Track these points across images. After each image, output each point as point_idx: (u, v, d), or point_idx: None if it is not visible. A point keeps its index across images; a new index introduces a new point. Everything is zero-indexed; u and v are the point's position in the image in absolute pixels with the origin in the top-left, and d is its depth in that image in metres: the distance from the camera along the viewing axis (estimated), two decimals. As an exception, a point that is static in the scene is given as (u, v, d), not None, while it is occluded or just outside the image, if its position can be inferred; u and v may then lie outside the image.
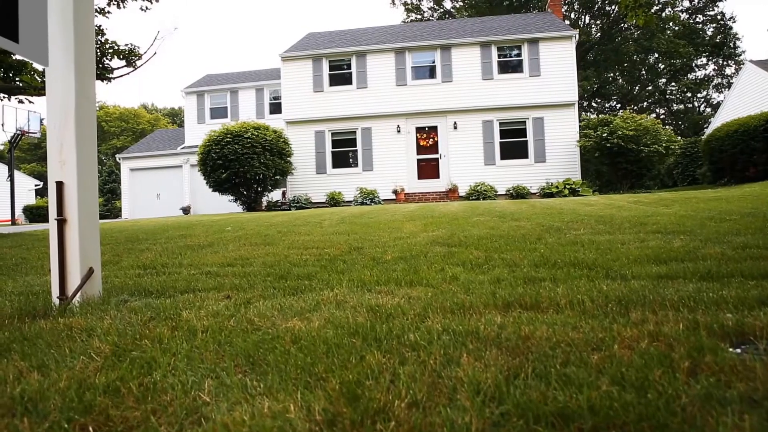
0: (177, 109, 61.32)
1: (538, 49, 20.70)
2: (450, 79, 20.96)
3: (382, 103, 21.13)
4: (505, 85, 20.78)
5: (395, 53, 21.31)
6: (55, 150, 2.70)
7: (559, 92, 20.41)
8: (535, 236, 4.88)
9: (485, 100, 20.72)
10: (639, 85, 38.94)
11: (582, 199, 13.04)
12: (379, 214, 10.05)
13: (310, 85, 21.71)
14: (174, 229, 8.32)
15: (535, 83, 20.61)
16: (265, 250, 4.84)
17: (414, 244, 4.71)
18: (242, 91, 25.76)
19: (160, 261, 4.41)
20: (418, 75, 21.44)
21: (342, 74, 21.74)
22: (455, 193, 19.92)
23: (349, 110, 21.34)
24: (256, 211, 20.71)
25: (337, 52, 21.53)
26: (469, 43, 20.98)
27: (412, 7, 39.51)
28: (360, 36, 23.52)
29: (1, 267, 4.62)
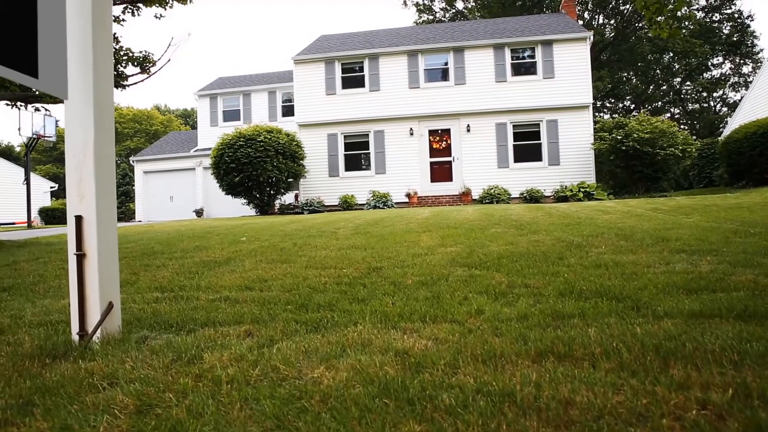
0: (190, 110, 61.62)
1: (552, 50, 20.54)
2: (463, 81, 20.85)
3: (395, 105, 21.07)
4: (518, 88, 20.63)
5: (408, 55, 21.23)
6: (74, 183, 2.67)
7: (574, 94, 20.23)
8: (555, 255, 4.79)
9: (498, 103, 20.59)
10: (653, 85, 38.55)
11: (598, 204, 12.89)
12: (394, 222, 9.99)
13: (322, 88, 21.69)
14: (189, 239, 8.30)
15: (548, 85, 20.45)
16: (282, 269, 4.79)
17: (433, 264, 4.64)
18: (255, 94, 25.80)
19: (177, 282, 4.38)
20: (430, 77, 21.35)
21: (354, 77, 21.69)
22: (468, 196, 19.82)
23: (362, 113, 21.30)
24: (269, 214, 20.74)
25: (350, 55, 21.49)
26: (482, 45, 20.86)
27: (423, 8, 39.38)
28: (372, 38, 23.47)
29: (20, 286, 4.61)
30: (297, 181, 20.90)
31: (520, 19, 24.91)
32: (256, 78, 27.43)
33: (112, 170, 2.72)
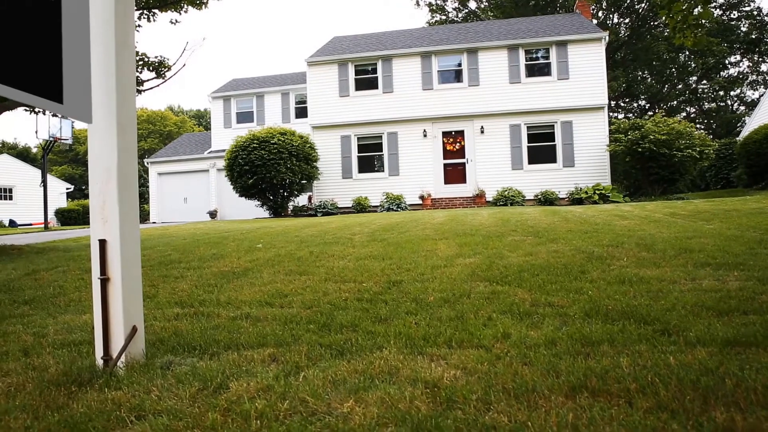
0: (203, 110, 61.95)
1: (567, 51, 20.38)
2: (477, 82, 20.75)
3: (409, 107, 21.03)
4: (532, 89, 20.51)
5: (421, 57, 21.17)
6: (97, 207, 2.66)
7: (589, 95, 20.08)
8: (577, 268, 4.73)
9: (513, 104, 20.48)
10: (668, 84, 38.15)
11: (614, 208, 12.76)
12: (409, 228, 9.95)
13: (336, 90, 21.69)
14: (205, 246, 8.32)
15: (563, 86, 20.30)
16: (301, 281, 4.77)
17: (453, 277, 4.59)
18: (268, 96, 25.86)
19: (197, 295, 4.37)
20: (444, 79, 21.28)
21: (368, 78, 21.67)
22: (482, 198, 19.73)
23: (375, 115, 21.27)
24: (282, 216, 20.78)
25: (363, 57, 21.46)
26: (496, 46, 20.75)
27: (436, 8, 39.25)
28: (385, 39, 23.43)
29: (41, 299, 4.63)
30: (310, 183, 20.93)
31: (534, 19, 24.75)
32: (269, 80, 27.49)
33: (135, 193, 2.71)
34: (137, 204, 2.71)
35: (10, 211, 33.95)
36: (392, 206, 19.67)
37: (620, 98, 38.12)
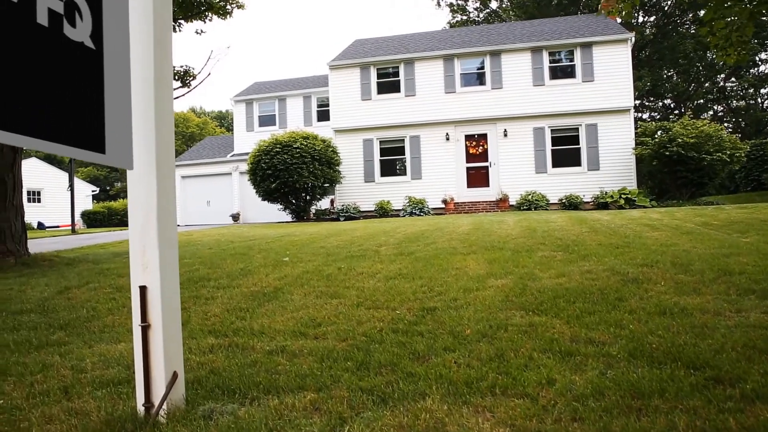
0: (225, 112, 62.46)
1: (592, 53, 20.12)
2: (500, 85, 20.59)
3: (431, 110, 20.94)
4: (556, 91, 20.28)
5: (444, 60, 21.06)
6: (137, 252, 2.65)
7: (614, 98, 19.80)
8: (613, 293, 4.63)
9: (536, 107, 20.28)
10: (695, 83, 37.46)
11: (642, 215, 12.54)
12: (435, 238, 9.89)
13: (358, 93, 21.68)
14: (232, 258, 8.35)
15: (588, 89, 20.05)
16: (333, 306, 4.74)
17: (487, 303, 4.52)
18: (290, 99, 25.96)
19: (229, 322, 4.36)
20: (467, 82, 21.15)
21: (390, 82, 21.64)
22: (506, 202, 19.57)
23: (398, 118, 21.23)
24: (304, 220, 20.86)
25: (385, 60, 21.43)
26: (519, 48, 20.56)
27: (457, 8, 39.02)
28: (407, 42, 23.35)
29: (75, 323, 4.66)
30: (332, 186, 20.97)
31: (557, 20, 24.47)
32: (291, 83, 27.58)
33: (174, 236, 2.70)
34: (176, 247, 2.69)
35: (38, 214, 34.58)
36: (415, 211, 19.61)
37: (645, 97, 37.53)
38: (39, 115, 2.09)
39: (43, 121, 2.11)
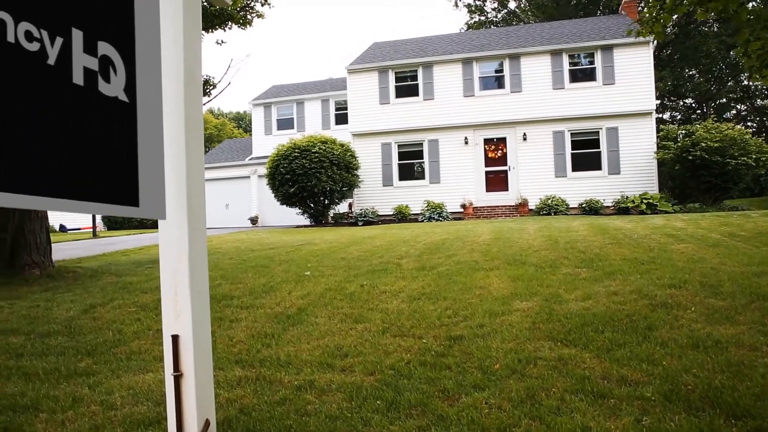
0: (242, 113, 62.84)
1: (613, 55, 19.87)
2: (519, 89, 20.43)
3: (450, 114, 20.85)
4: (576, 95, 20.07)
5: (462, 63, 20.95)
6: (169, 300, 2.64)
7: (635, 101, 19.53)
8: (642, 320, 4.55)
9: (556, 110, 20.09)
10: (718, 82, 36.86)
11: (665, 223, 12.35)
12: (455, 248, 9.83)
13: (376, 97, 21.65)
14: (253, 271, 8.37)
15: (608, 92, 19.81)
16: (358, 332, 4.72)
17: (514, 331, 4.47)
18: (308, 102, 26.02)
19: (255, 350, 4.36)
20: (485, 85, 21.02)
21: (408, 86, 21.57)
22: (525, 207, 19.43)
23: (416, 122, 21.16)
24: (322, 223, 20.89)
25: (403, 64, 21.38)
26: (538, 51, 20.38)
27: (475, 8, 38.80)
28: (425, 45, 23.27)
29: (101, 347, 4.70)
30: (351, 190, 20.96)
31: (577, 22, 24.20)
32: (309, 86, 27.65)
33: (205, 285, 2.69)
34: (208, 295, 2.69)
35: (60, 215, 35.06)
36: (434, 215, 19.53)
37: (666, 97, 37.02)
38: (76, 177, 2.09)
39: (80, 182, 2.11)
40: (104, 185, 2.25)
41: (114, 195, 2.32)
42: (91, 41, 2.25)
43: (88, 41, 2.23)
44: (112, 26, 2.41)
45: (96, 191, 2.21)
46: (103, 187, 2.24)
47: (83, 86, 2.16)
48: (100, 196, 2.25)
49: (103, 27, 2.36)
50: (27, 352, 4.69)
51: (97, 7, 2.33)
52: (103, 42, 2.33)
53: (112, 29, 2.40)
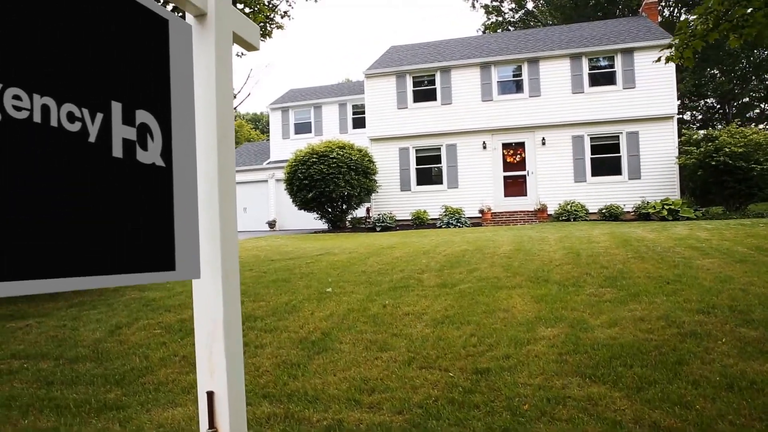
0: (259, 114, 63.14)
1: (633, 59, 19.66)
2: (538, 93, 20.28)
3: (468, 119, 20.76)
4: (596, 99, 19.88)
5: (480, 67, 20.85)
6: (204, 358, 2.65)
7: (656, 105, 19.30)
8: (671, 353, 4.49)
9: (575, 115, 19.92)
10: (741, 81, 36.27)
11: (689, 233, 12.19)
12: (476, 261, 9.80)
13: (393, 102, 21.63)
14: (274, 287, 8.40)
15: (629, 96, 19.60)
16: (384, 362, 4.72)
17: (541, 364, 4.43)
18: (325, 107, 26.07)
19: (282, 381, 4.38)
20: (504, 89, 20.89)
21: (426, 90, 21.52)
22: (544, 212, 19.29)
23: (434, 127, 21.12)
24: (340, 228, 20.93)
25: (421, 68, 21.33)
26: (557, 55, 20.23)
27: (492, 9, 38.58)
28: (443, 49, 23.19)
29: (130, 376, 4.74)
30: (368, 195, 20.98)
31: (597, 24, 23.94)
32: (326, 90, 27.70)
33: (239, 341, 2.69)
34: (242, 351, 2.69)
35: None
36: (452, 221, 19.47)
37: (686, 97, 36.53)
38: (116, 251, 2.10)
39: (120, 255, 2.12)
40: (142, 254, 2.26)
41: (152, 262, 2.32)
42: (129, 111, 2.26)
43: (126, 112, 2.24)
44: (149, 93, 2.42)
45: (134, 262, 2.22)
46: (141, 256, 2.25)
47: (122, 158, 2.18)
48: (138, 266, 2.26)
49: (140, 95, 2.37)
50: (57, 380, 4.75)
51: (135, 76, 2.35)
52: (141, 110, 2.34)
53: (149, 96, 2.42)
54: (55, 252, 1.85)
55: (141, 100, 2.45)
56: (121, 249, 2.17)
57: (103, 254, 2.07)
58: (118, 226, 2.15)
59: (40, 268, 1.83)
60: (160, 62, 2.61)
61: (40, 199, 1.69)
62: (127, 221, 2.19)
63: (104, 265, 2.10)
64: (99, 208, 2.04)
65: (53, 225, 1.85)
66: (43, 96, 1.82)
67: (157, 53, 2.58)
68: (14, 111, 1.57)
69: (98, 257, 2.05)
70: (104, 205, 2.07)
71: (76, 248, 1.98)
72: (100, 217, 2.05)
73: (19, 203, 1.51)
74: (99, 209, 2.04)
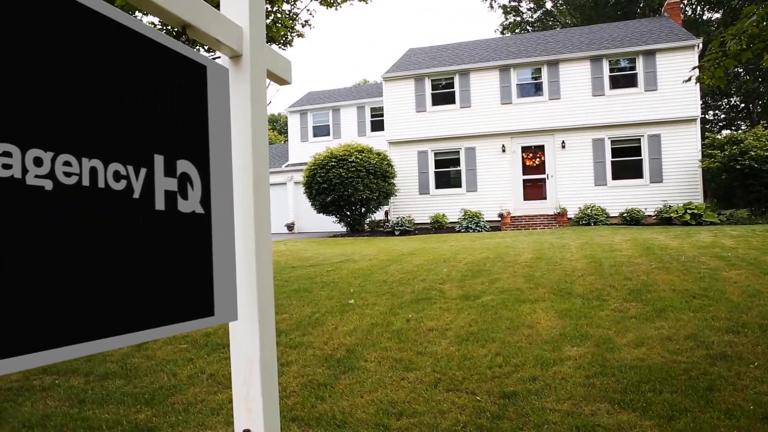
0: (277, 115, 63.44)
1: (655, 61, 19.42)
2: (558, 96, 20.14)
3: (487, 122, 20.69)
4: (617, 101, 19.68)
5: (499, 70, 20.76)
6: (241, 397, 2.68)
7: (679, 107, 19.07)
8: (701, 377, 4.44)
9: (596, 118, 19.75)
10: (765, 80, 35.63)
11: (715, 242, 12.02)
12: (497, 271, 9.77)
13: (412, 105, 21.62)
14: (297, 297, 8.46)
15: (651, 98, 19.37)
16: (410, 383, 4.73)
17: (569, 388, 4.41)
18: (344, 110, 26.14)
19: (311, 404, 4.41)
20: (523, 92, 20.77)
21: (445, 93, 21.48)
22: (564, 216, 19.16)
23: (453, 130, 21.07)
24: (358, 232, 20.97)
25: (440, 72, 21.29)
26: (577, 57, 20.07)
27: (510, 9, 38.35)
28: (461, 51, 23.11)
29: (158, 396, 4.81)
30: (387, 198, 21.00)
31: (618, 25, 23.67)
32: (344, 93, 27.76)
33: (274, 379, 2.72)
34: (277, 390, 2.72)
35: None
36: (471, 225, 19.42)
37: (708, 96, 35.99)
38: (160, 303, 2.13)
39: (164, 307, 2.15)
40: (184, 303, 2.29)
41: (193, 310, 2.35)
42: (171, 162, 2.29)
43: (168, 163, 2.28)
44: (189, 141, 2.45)
45: (177, 312, 2.25)
46: (183, 304, 2.28)
47: (164, 210, 2.21)
48: (180, 315, 2.28)
49: (181, 144, 2.40)
50: (88, 398, 4.84)
51: (176, 126, 2.38)
52: (182, 159, 2.37)
53: (189, 144, 2.45)
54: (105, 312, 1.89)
55: (181, 149, 2.48)
56: (164, 301, 2.20)
57: (149, 309, 2.10)
58: (162, 279, 2.19)
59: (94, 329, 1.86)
60: (198, 109, 2.64)
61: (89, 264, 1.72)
62: (170, 273, 2.22)
63: (150, 319, 2.13)
64: (143, 264, 2.07)
65: (101, 287, 1.89)
66: (92, 159, 1.85)
67: (196, 100, 2.61)
68: (64, 177, 1.60)
69: (145, 312, 2.08)
70: (148, 261, 2.11)
71: (124, 306, 2.02)
72: (144, 273, 2.08)
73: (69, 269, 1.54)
74: (143, 265, 2.07)
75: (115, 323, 1.97)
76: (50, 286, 1.42)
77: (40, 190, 1.45)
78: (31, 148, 1.41)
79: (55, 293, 1.44)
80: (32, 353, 1.36)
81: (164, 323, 2.25)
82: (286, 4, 11.23)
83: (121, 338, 1.96)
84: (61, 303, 1.44)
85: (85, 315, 1.64)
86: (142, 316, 2.10)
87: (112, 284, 1.96)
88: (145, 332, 2.12)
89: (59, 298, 1.44)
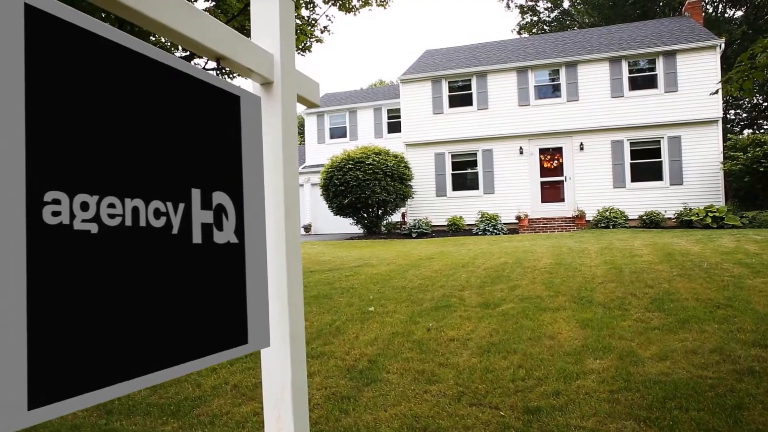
0: (293, 115, 63.81)
1: (675, 61, 19.19)
2: (576, 97, 19.99)
3: (504, 124, 20.60)
4: (636, 103, 19.49)
5: (517, 72, 20.66)
6: (272, 420, 2.71)
7: (700, 109, 18.83)
8: (729, 394, 4.41)
9: (614, 119, 19.58)
10: (787, 79, 35.07)
11: (738, 247, 11.87)
12: (516, 277, 9.74)
13: (429, 107, 21.60)
14: (316, 304, 8.51)
15: (671, 99, 19.15)
16: (433, 397, 4.75)
17: (593, 404, 4.40)
18: (360, 111, 26.18)
19: (335, 419, 4.44)
20: (541, 94, 20.65)
21: (462, 95, 21.43)
22: (582, 219, 19.02)
23: (470, 132, 21.02)
24: (375, 234, 21.00)
25: (457, 74, 21.25)
26: (596, 59, 19.90)
27: (527, 9, 38.11)
28: (478, 53, 23.03)
29: (184, 407, 4.87)
30: (404, 201, 21.01)
31: (637, 25, 23.43)
32: (361, 94, 27.80)
33: (305, 402, 2.75)
34: (307, 410, 2.75)
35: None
36: (488, 227, 19.36)
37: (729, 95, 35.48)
38: (197, 336, 2.17)
39: (200, 340, 2.19)
40: (219, 334, 2.33)
41: (227, 340, 2.39)
42: (207, 195, 2.33)
43: (204, 196, 2.31)
44: (224, 173, 2.49)
45: (212, 343, 2.29)
46: (218, 335, 2.32)
47: (201, 243, 2.25)
48: (216, 346, 2.33)
49: (216, 176, 2.44)
50: (115, 409, 4.91)
51: (211, 158, 2.42)
52: (217, 191, 2.41)
53: (224, 176, 2.48)
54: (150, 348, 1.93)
55: (217, 181, 2.52)
56: (202, 333, 2.24)
57: (190, 342, 2.14)
58: (200, 311, 2.22)
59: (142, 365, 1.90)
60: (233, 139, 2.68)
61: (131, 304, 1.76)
62: (207, 305, 2.26)
63: (190, 351, 2.17)
64: (183, 299, 2.11)
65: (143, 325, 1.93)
66: (134, 198, 1.89)
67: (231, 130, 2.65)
68: (109, 219, 1.64)
69: (186, 345, 2.12)
70: (187, 295, 2.14)
71: (167, 341, 2.06)
72: (184, 308, 2.12)
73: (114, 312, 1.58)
74: (183, 300, 2.11)
75: (160, 358, 2.01)
76: (100, 329, 1.46)
77: (86, 234, 1.48)
78: (78, 194, 1.44)
79: (106, 336, 1.47)
80: (89, 392, 1.39)
81: (203, 354, 2.29)
82: (305, 10, 11.28)
83: (167, 372, 2.01)
84: (111, 343, 1.48)
85: (132, 353, 1.68)
86: (184, 350, 2.14)
87: (153, 322, 2.00)
88: (187, 365, 2.16)
89: (109, 339, 1.48)
